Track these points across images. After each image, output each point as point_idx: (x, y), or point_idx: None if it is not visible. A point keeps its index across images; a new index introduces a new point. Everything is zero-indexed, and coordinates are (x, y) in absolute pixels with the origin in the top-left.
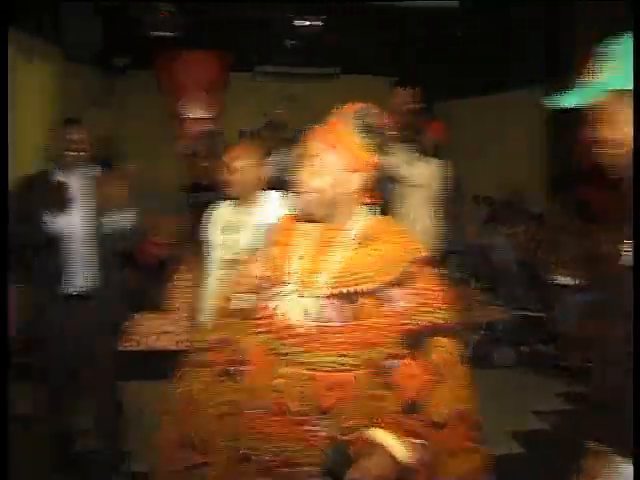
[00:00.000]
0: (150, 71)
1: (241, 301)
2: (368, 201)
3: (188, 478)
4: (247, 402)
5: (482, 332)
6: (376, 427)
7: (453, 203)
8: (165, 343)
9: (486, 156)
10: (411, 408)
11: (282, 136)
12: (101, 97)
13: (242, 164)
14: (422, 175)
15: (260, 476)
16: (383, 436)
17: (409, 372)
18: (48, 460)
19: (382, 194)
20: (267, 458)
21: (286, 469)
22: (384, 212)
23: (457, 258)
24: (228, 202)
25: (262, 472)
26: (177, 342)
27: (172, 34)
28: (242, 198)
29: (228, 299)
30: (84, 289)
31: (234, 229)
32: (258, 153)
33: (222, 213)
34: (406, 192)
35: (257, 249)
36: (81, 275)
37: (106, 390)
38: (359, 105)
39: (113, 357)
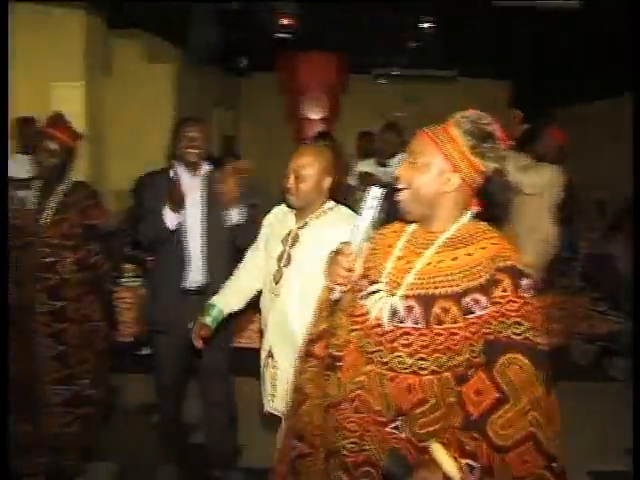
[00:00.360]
0: (273, 73)
1: (335, 293)
2: (471, 206)
3: (295, 468)
4: (338, 397)
5: (597, 343)
6: (438, 440)
7: (569, 209)
8: None
9: (603, 161)
10: (471, 425)
11: (401, 139)
12: (227, 98)
13: (313, 172)
14: (538, 182)
15: (342, 472)
16: (438, 451)
17: (477, 386)
18: (164, 450)
19: (493, 201)
20: (345, 453)
21: (367, 468)
22: (499, 219)
23: (573, 266)
24: (286, 209)
25: (344, 468)
26: None
27: (293, 36)
28: (304, 209)
29: (330, 290)
30: (200, 284)
31: (287, 239)
32: (329, 159)
33: (280, 219)
34: (524, 200)
35: (344, 247)
36: (197, 270)
37: (220, 385)
38: (473, 111)
39: (227, 353)
